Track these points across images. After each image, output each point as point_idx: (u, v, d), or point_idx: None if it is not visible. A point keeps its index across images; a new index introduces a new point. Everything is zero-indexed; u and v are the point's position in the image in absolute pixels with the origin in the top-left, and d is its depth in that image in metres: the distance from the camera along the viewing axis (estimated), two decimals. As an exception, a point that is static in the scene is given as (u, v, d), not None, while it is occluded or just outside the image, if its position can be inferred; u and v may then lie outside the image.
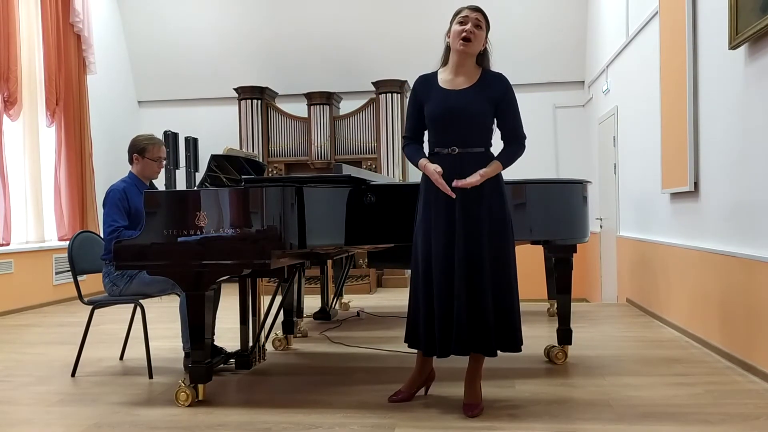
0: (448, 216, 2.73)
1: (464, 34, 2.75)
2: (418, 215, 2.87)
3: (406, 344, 2.90)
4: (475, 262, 2.71)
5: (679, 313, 4.47)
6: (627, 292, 5.98)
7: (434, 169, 2.71)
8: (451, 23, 2.82)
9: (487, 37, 2.86)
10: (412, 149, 2.89)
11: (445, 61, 2.89)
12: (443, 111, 2.76)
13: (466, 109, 2.74)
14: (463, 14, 2.80)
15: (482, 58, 2.86)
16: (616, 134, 6.35)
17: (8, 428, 2.74)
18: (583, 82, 8.11)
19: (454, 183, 2.67)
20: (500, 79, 2.84)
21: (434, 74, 2.90)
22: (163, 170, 7.96)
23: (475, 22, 2.78)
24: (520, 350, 2.79)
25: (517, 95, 2.87)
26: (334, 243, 3.23)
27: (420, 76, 2.92)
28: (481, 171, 2.71)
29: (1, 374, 3.68)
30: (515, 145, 2.86)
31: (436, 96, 2.81)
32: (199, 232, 2.87)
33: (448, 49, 2.86)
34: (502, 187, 2.82)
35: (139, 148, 3.70)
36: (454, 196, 2.69)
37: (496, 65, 2.93)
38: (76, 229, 6.56)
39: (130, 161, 3.74)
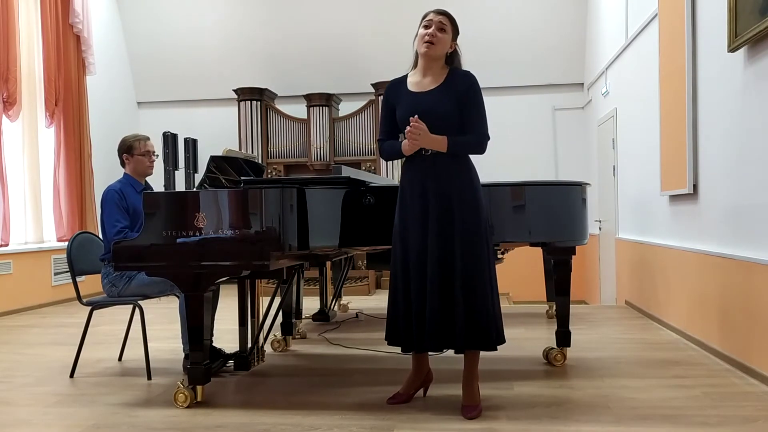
0: (422, 219, 2.76)
1: (427, 38, 2.78)
2: (396, 217, 2.89)
3: (386, 342, 2.91)
4: (446, 263, 2.73)
5: (678, 316, 4.47)
6: (626, 294, 5.98)
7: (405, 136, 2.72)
8: (419, 26, 2.84)
9: (455, 40, 2.87)
10: (387, 144, 2.92)
11: (415, 65, 2.91)
12: (410, 112, 2.75)
13: (433, 110, 2.75)
14: (428, 18, 2.82)
15: (451, 59, 2.88)
16: (615, 136, 6.35)
17: (6, 429, 2.74)
18: (583, 84, 8.12)
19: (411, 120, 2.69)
20: (466, 76, 2.84)
21: (404, 77, 2.93)
22: (162, 171, 7.98)
23: (439, 26, 2.79)
24: (493, 349, 2.77)
25: (516, 97, 2.89)
26: (333, 244, 3.23)
27: (391, 81, 2.97)
28: (428, 132, 2.68)
29: (-1, 375, 3.68)
30: (474, 136, 2.79)
31: (405, 100, 2.84)
32: (198, 233, 2.87)
33: (417, 52, 2.88)
34: (476, 192, 2.80)
35: (126, 147, 3.76)
36: (416, 142, 2.70)
37: (495, 66, 2.94)
38: (75, 230, 6.55)
39: (122, 164, 3.79)
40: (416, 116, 2.68)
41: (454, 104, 2.77)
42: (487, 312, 2.74)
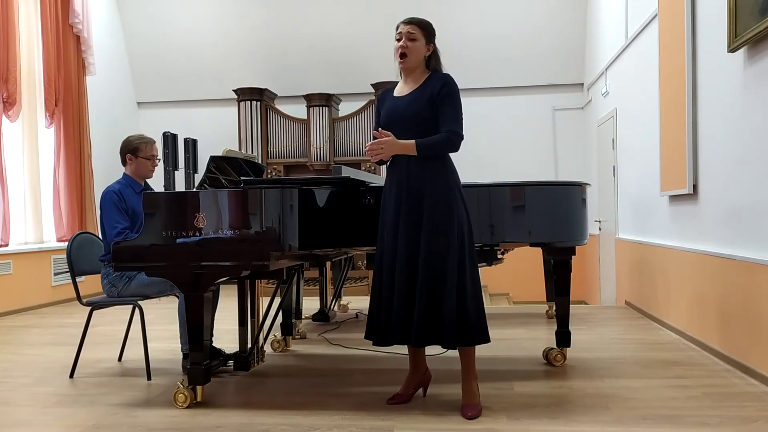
0: (396, 219, 2.82)
1: (400, 50, 2.85)
2: (379, 218, 2.95)
3: (364, 336, 2.94)
4: (412, 261, 2.77)
5: (678, 316, 4.47)
6: (626, 294, 5.98)
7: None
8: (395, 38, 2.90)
9: (431, 42, 2.90)
10: None
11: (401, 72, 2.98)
12: (386, 117, 2.88)
13: (404, 112, 2.83)
14: (398, 30, 2.88)
15: (430, 62, 2.92)
16: (615, 136, 6.35)
17: (6, 429, 2.74)
18: (582, 84, 8.12)
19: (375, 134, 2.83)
20: (441, 78, 2.87)
21: (395, 84, 3.01)
22: (162, 171, 7.98)
23: (409, 36, 2.84)
24: (447, 347, 2.80)
25: (516, 97, 2.91)
26: (333, 245, 3.23)
27: (383, 89, 3.05)
28: (394, 140, 2.77)
29: (-1, 375, 3.68)
30: (442, 135, 2.80)
31: (388, 104, 2.93)
32: (197, 234, 2.87)
33: None
34: (449, 192, 2.80)
35: (131, 148, 3.71)
36: (378, 156, 2.82)
37: (495, 67, 2.95)
38: (75, 230, 6.55)
39: (123, 162, 3.75)
40: (379, 129, 2.81)
41: (426, 106, 2.81)
42: (453, 310, 2.71)
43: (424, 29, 2.88)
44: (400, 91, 2.94)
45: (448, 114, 2.82)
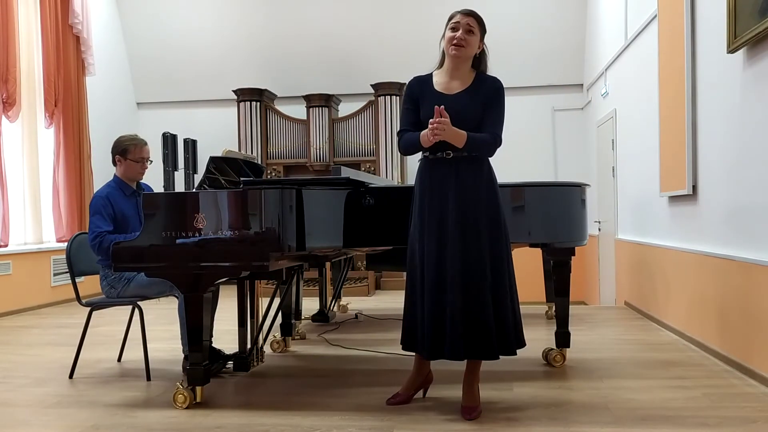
0: (441, 223, 2.75)
1: (455, 40, 2.77)
2: (412, 218, 2.88)
3: (402, 347, 2.90)
4: (475, 264, 2.71)
5: (677, 317, 4.47)
6: (625, 295, 5.98)
7: (428, 129, 2.69)
8: (446, 28, 2.84)
9: (482, 40, 2.86)
10: (407, 135, 2.87)
11: (441, 64, 2.91)
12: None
13: (460, 114, 2.74)
14: (455, 19, 2.81)
15: (479, 61, 2.88)
16: (614, 137, 6.35)
17: (6, 430, 2.73)
18: (582, 85, 8.12)
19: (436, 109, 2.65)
20: (495, 81, 2.85)
21: (429, 76, 2.91)
22: (161, 172, 7.95)
23: (467, 28, 2.79)
24: (521, 348, 2.83)
25: (515, 98, 2.90)
26: (332, 245, 3.23)
27: (414, 77, 2.94)
28: (449, 126, 2.65)
29: (-2, 376, 3.68)
30: (489, 136, 2.78)
31: (431, 99, 2.81)
32: (197, 234, 2.87)
33: (444, 52, 2.87)
34: (496, 189, 2.84)
35: (120, 150, 3.62)
36: (438, 136, 2.66)
37: (494, 68, 2.95)
38: (75, 231, 6.55)
39: (114, 162, 3.67)
40: (442, 107, 2.66)
41: (480, 108, 2.79)
42: (515, 314, 2.81)
43: (482, 26, 2.84)
44: (444, 86, 2.83)
45: (496, 118, 2.80)
